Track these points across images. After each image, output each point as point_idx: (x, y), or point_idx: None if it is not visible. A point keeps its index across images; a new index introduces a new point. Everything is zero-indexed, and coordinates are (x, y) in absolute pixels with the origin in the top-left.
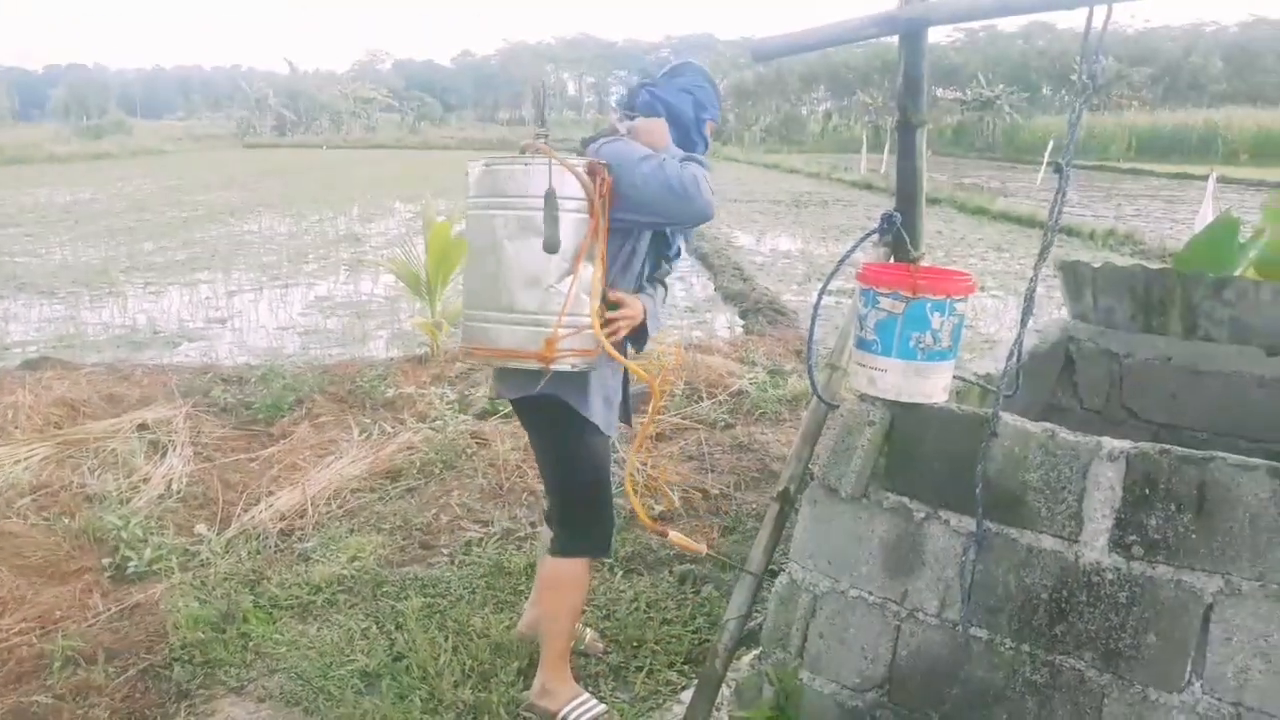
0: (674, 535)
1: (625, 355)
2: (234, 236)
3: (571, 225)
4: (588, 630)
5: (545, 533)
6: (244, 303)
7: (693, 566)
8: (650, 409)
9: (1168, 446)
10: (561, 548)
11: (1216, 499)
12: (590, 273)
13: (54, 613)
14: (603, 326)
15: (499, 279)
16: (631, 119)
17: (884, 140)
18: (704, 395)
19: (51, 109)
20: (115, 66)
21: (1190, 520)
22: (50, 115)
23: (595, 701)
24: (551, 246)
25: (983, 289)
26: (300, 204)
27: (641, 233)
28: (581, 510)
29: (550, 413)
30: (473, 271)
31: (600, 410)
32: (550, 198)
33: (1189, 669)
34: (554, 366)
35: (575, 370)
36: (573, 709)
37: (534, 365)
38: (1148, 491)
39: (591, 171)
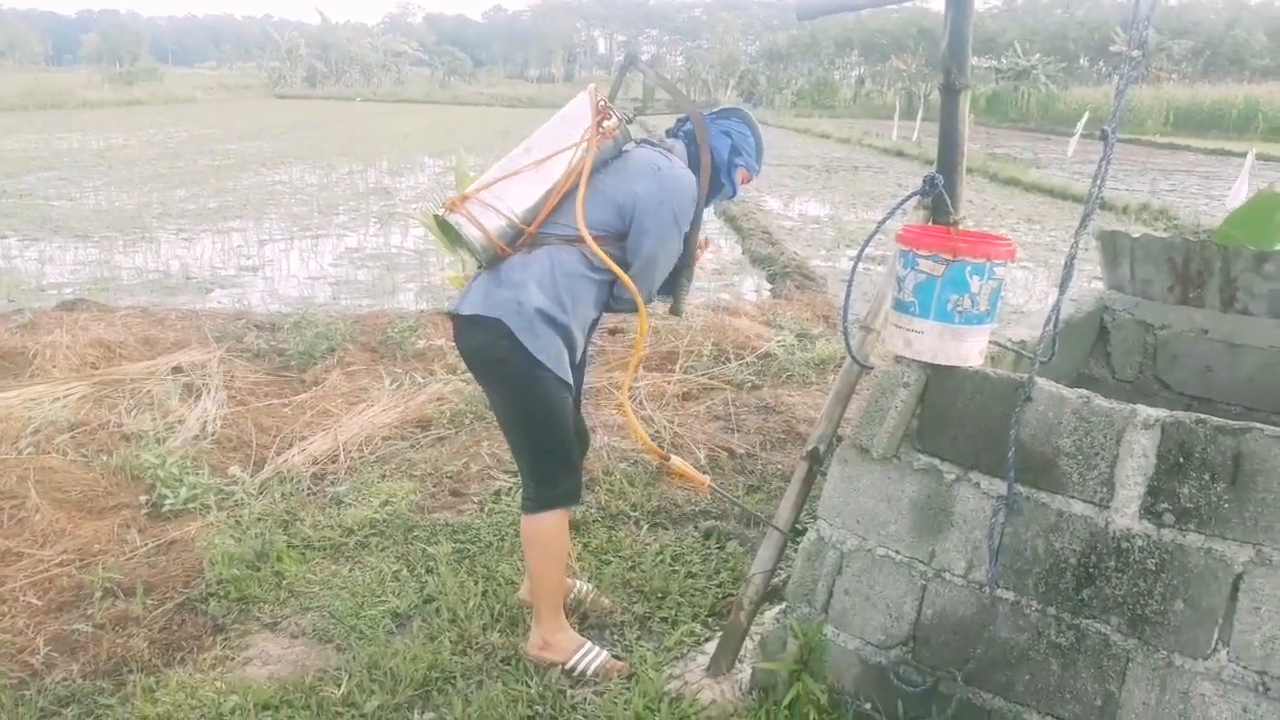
0: (676, 461)
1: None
2: (265, 186)
3: (548, 131)
4: (583, 584)
5: None
6: (275, 252)
7: (717, 522)
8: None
9: (1204, 416)
10: (533, 503)
11: (1251, 470)
12: (517, 188)
13: (93, 546)
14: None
15: None
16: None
17: (916, 107)
18: (731, 357)
19: (83, 54)
20: (147, 13)
21: (1224, 490)
22: (82, 61)
23: (599, 648)
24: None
25: None
26: (330, 156)
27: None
28: (546, 460)
29: (500, 355)
30: None
31: (553, 357)
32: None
33: (1216, 637)
34: (449, 215)
35: (466, 237)
36: (579, 659)
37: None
38: (1182, 460)
39: (600, 111)
